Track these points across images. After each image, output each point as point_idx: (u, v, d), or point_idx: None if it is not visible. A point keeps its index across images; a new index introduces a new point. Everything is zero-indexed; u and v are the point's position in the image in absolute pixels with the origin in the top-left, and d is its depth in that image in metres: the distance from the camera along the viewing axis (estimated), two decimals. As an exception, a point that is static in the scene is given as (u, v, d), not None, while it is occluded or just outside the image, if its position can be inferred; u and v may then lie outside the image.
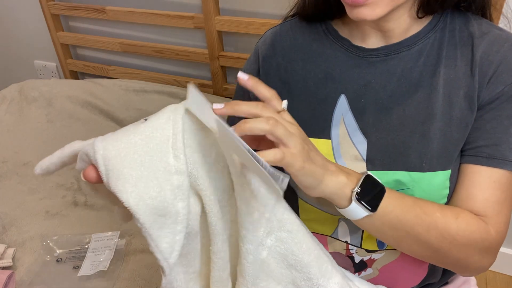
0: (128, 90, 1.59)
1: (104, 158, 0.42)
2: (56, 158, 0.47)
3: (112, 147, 0.42)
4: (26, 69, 2.08)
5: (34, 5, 1.78)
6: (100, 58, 1.84)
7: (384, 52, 0.62)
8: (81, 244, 1.04)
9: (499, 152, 0.58)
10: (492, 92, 0.58)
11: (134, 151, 0.43)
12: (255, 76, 0.70)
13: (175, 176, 0.43)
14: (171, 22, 1.49)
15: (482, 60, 0.58)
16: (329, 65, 0.65)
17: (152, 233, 0.42)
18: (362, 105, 0.62)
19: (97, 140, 0.43)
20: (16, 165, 1.35)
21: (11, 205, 1.19)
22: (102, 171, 0.41)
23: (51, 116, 1.55)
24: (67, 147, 0.47)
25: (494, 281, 1.49)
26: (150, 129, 0.44)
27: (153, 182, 0.42)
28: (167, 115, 0.46)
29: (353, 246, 0.66)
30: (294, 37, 0.69)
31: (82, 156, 0.45)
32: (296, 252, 0.51)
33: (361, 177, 0.53)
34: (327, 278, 0.53)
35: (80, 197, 1.22)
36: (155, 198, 0.42)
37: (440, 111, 0.59)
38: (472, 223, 0.56)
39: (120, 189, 0.41)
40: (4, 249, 1.03)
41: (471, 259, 0.58)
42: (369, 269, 0.68)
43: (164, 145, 0.44)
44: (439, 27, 0.61)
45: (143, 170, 0.42)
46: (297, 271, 0.52)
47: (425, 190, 0.59)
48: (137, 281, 0.96)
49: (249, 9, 1.39)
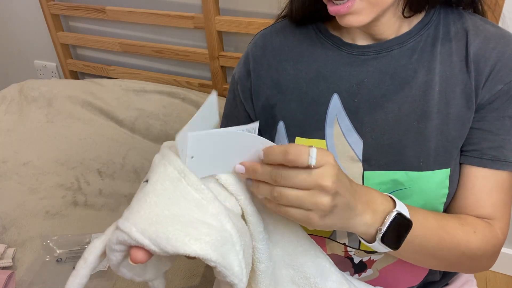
0: (128, 90, 1.59)
1: (142, 232, 0.40)
2: (87, 273, 0.44)
3: (140, 219, 0.41)
4: (26, 69, 2.08)
5: (34, 5, 1.78)
6: (100, 58, 1.84)
7: (376, 50, 0.61)
8: (81, 244, 1.04)
9: (503, 154, 0.57)
10: (491, 91, 0.57)
11: (161, 210, 0.42)
12: (243, 79, 0.70)
13: (210, 206, 0.43)
14: (171, 22, 1.49)
15: (477, 57, 0.58)
16: (320, 64, 0.64)
17: (226, 265, 0.41)
18: (355, 104, 0.61)
19: (120, 224, 0.41)
20: (16, 165, 1.35)
21: (11, 205, 1.19)
22: (147, 244, 0.40)
23: (51, 116, 1.55)
24: (89, 255, 0.44)
25: (494, 281, 1.49)
26: (158, 184, 0.43)
27: (197, 222, 0.42)
28: (161, 163, 0.45)
29: (352, 248, 0.66)
30: (284, 37, 0.69)
31: (112, 249, 0.42)
32: (291, 252, 0.52)
33: (389, 216, 0.50)
34: (324, 277, 0.53)
35: (80, 197, 1.22)
36: (208, 234, 0.41)
37: (436, 108, 0.58)
38: (487, 234, 0.57)
39: (178, 245, 0.39)
40: (4, 249, 1.03)
41: (482, 264, 0.59)
42: (369, 270, 0.68)
43: (181, 189, 0.43)
44: (432, 24, 0.61)
45: (181, 219, 0.41)
46: (294, 270, 0.53)
47: (424, 189, 0.58)
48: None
49: (249, 9, 1.39)
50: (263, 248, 0.50)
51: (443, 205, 0.60)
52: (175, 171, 0.44)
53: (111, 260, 0.43)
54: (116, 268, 0.44)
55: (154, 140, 1.46)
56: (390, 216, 0.49)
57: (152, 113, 1.50)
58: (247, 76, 0.70)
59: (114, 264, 0.43)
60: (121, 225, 0.40)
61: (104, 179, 1.30)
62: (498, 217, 0.58)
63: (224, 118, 0.77)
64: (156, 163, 0.46)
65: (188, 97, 1.50)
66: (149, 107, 1.52)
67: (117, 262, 0.43)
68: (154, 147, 1.44)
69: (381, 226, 0.49)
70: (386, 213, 0.50)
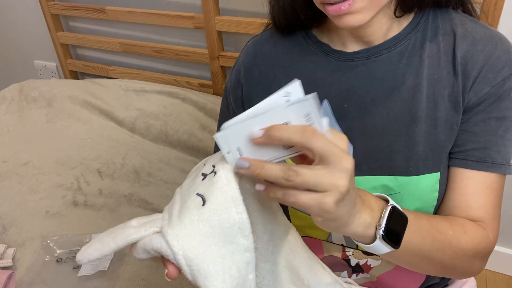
0: (128, 90, 1.59)
1: (185, 259, 0.41)
2: (109, 251, 0.43)
3: (189, 245, 0.41)
4: (26, 69, 2.08)
5: (34, 5, 1.78)
6: (100, 58, 1.84)
7: (365, 55, 0.61)
8: (81, 244, 1.04)
9: (488, 155, 0.57)
10: (478, 93, 0.57)
11: (210, 243, 0.42)
12: (235, 88, 0.69)
13: (246, 254, 0.44)
14: (171, 22, 1.49)
15: (465, 59, 0.57)
16: (310, 71, 0.64)
17: None
18: (345, 110, 0.61)
19: (169, 239, 0.41)
20: (16, 165, 1.35)
21: (11, 205, 1.19)
22: (186, 271, 0.41)
23: (51, 116, 1.55)
24: (121, 237, 0.43)
25: (494, 281, 1.49)
26: (213, 212, 0.43)
27: (233, 267, 0.43)
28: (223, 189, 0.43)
29: (349, 248, 0.66)
30: (274, 45, 0.68)
31: (148, 250, 0.43)
32: (285, 255, 0.53)
33: (385, 211, 0.48)
34: (318, 279, 0.54)
35: (80, 197, 1.22)
36: (235, 277, 0.43)
37: (425, 113, 0.58)
38: (477, 235, 0.56)
39: (208, 285, 0.41)
40: (4, 249, 1.03)
41: (474, 266, 0.58)
42: (366, 274, 0.68)
43: (233, 229, 0.43)
44: (420, 28, 0.60)
45: (223, 261, 0.42)
46: (290, 272, 0.54)
47: (414, 194, 0.58)
48: (137, 281, 0.96)
49: (249, 9, 1.39)
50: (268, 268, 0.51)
51: (434, 208, 0.60)
52: (234, 210, 0.43)
53: (137, 254, 0.44)
54: (135, 255, 0.44)
55: (154, 140, 1.46)
56: (386, 210, 0.48)
57: (152, 113, 1.50)
58: (238, 85, 0.70)
59: (136, 257, 0.44)
60: (170, 241, 0.41)
61: (104, 179, 1.30)
62: (488, 219, 0.57)
63: (219, 126, 0.77)
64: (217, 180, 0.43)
65: (188, 97, 1.50)
66: (149, 107, 1.52)
67: (141, 259, 0.44)
68: (154, 147, 1.44)
69: (380, 221, 0.48)
70: (381, 210, 0.49)
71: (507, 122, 0.57)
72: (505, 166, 0.58)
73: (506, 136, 0.57)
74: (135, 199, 1.22)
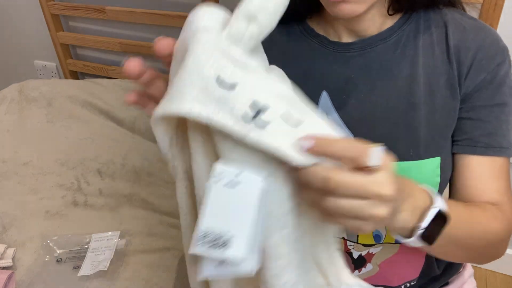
0: (128, 90, 1.59)
1: None
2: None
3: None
4: (26, 69, 2.08)
5: (34, 5, 1.78)
6: (100, 58, 1.84)
7: (360, 46, 0.63)
8: (81, 244, 1.04)
9: (495, 140, 0.59)
10: (475, 80, 0.59)
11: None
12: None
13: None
14: (171, 22, 1.49)
15: (458, 48, 0.59)
16: (307, 63, 0.65)
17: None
18: (344, 101, 0.63)
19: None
20: (16, 165, 1.35)
21: (11, 205, 1.19)
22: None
23: (51, 116, 1.55)
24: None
25: (494, 281, 1.49)
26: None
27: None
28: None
29: (350, 241, 0.66)
30: (270, 37, 0.69)
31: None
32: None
33: (430, 213, 0.47)
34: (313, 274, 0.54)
35: (80, 197, 1.22)
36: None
37: (422, 99, 0.60)
38: (504, 221, 0.57)
39: None
40: (4, 249, 1.03)
41: (500, 250, 0.60)
42: (369, 265, 0.68)
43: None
44: (413, 19, 0.62)
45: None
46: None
47: (415, 179, 0.58)
48: (137, 281, 0.96)
49: (249, 9, 1.39)
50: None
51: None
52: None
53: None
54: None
55: (154, 140, 1.45)
56: (431, 213, 0.47)
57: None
58: None
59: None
60: None
61: (104, 179, 1.30)
62: (503, 202, 0.59)
63: None
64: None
65: (188, 97, 1.50)
66: (149, 107, 1.52)
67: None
68: (154, 147, 1.44)
69: (420, 223, 0.47)
70: (423, 209, 0.48)
71: (508, 108, 0.60)
72: (510, 149, 0.60)
73: (509, 120, 0.60)
74: (136, 199, 1.22)
